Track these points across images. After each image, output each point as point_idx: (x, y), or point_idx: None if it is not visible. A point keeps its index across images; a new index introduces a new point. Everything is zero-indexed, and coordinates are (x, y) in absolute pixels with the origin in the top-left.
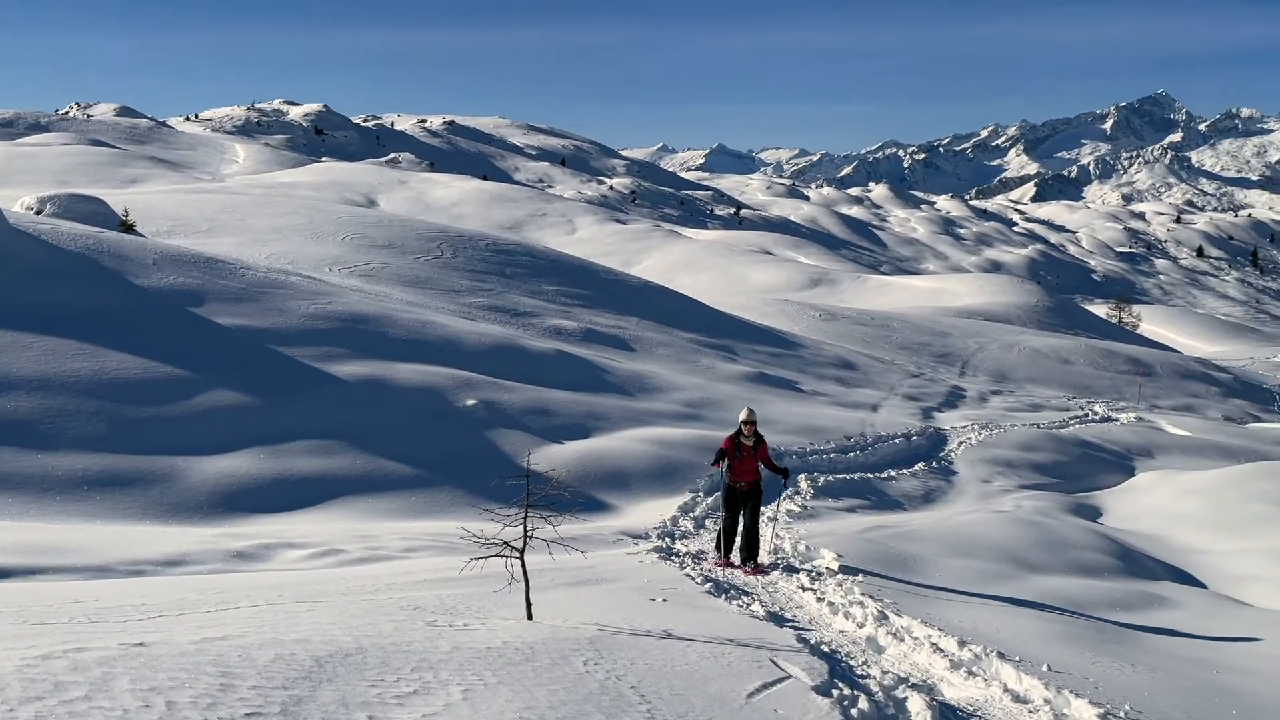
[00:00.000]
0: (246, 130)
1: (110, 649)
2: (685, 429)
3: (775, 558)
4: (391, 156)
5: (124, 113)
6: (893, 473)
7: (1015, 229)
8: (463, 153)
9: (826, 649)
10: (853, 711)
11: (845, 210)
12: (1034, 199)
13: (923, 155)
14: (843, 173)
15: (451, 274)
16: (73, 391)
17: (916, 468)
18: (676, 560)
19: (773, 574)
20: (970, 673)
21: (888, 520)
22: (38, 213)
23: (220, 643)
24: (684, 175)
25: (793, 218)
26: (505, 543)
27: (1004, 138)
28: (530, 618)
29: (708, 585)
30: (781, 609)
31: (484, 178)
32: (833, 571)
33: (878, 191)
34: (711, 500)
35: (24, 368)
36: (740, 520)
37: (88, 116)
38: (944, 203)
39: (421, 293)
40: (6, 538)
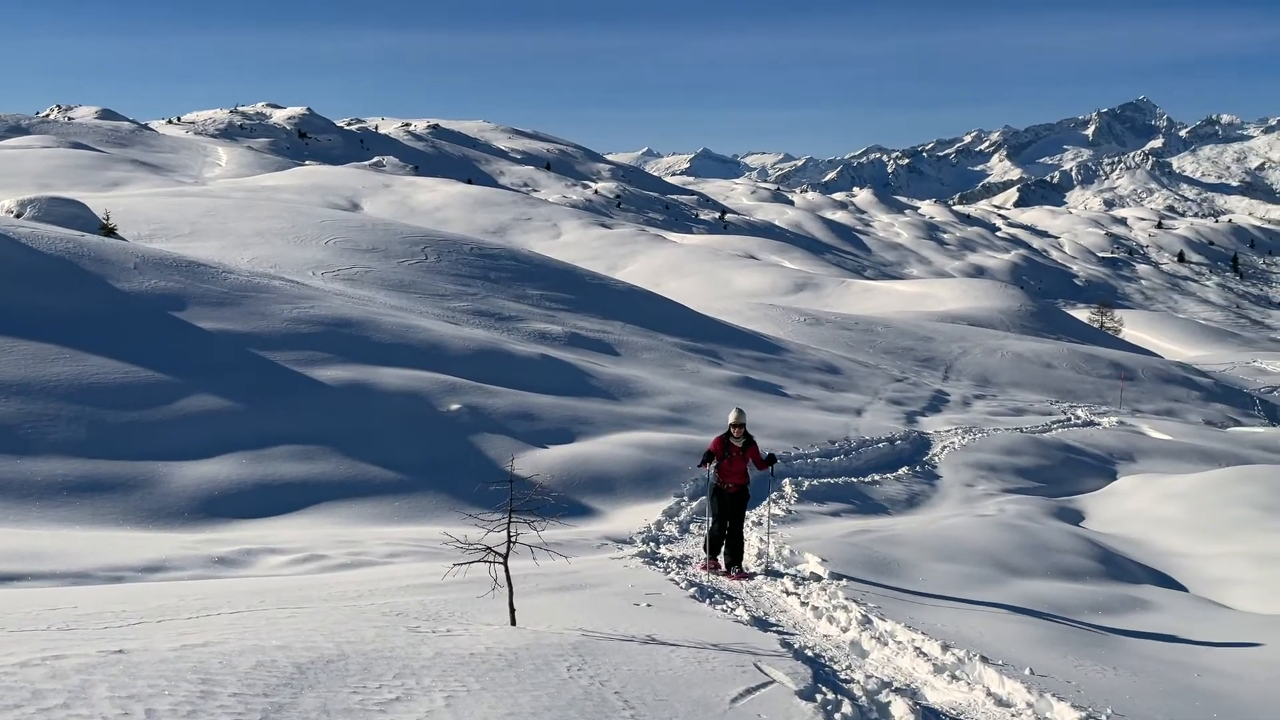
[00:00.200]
0: (229, 133)
1: (89, 656)
2: (670, 433)
3: (760, 562)
4: (375, 160)
5: (105, 115)
6: (877, 477)
7: (998, 234)
8: (447, 156)
9: (810, 654)
10: (836, 716)
11: (829, 215)
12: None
13: (906, 160)
14: (827, 177)
15: (435, 278)
16: (52, 396)
17: (900, 472)
18: (661, 565)
19: (757, 578)
20: (953, 677)
21: (872, 524)
22: (17, 216)
23: (201, 649)
24: (669, 180)
25: (777, 222)
26: (489, 548)
27: (987, 143)
28: (514, 623)
29: (692, 590)
30: (766, 614)
31: (468, 181)
32: (817, 576)
33: (862, 196)
34: (696, 505)
35: (3, 372)
36: (727, 524)
37: (69, 119)
38: (928, 208)
39: (405, 297)
40: None
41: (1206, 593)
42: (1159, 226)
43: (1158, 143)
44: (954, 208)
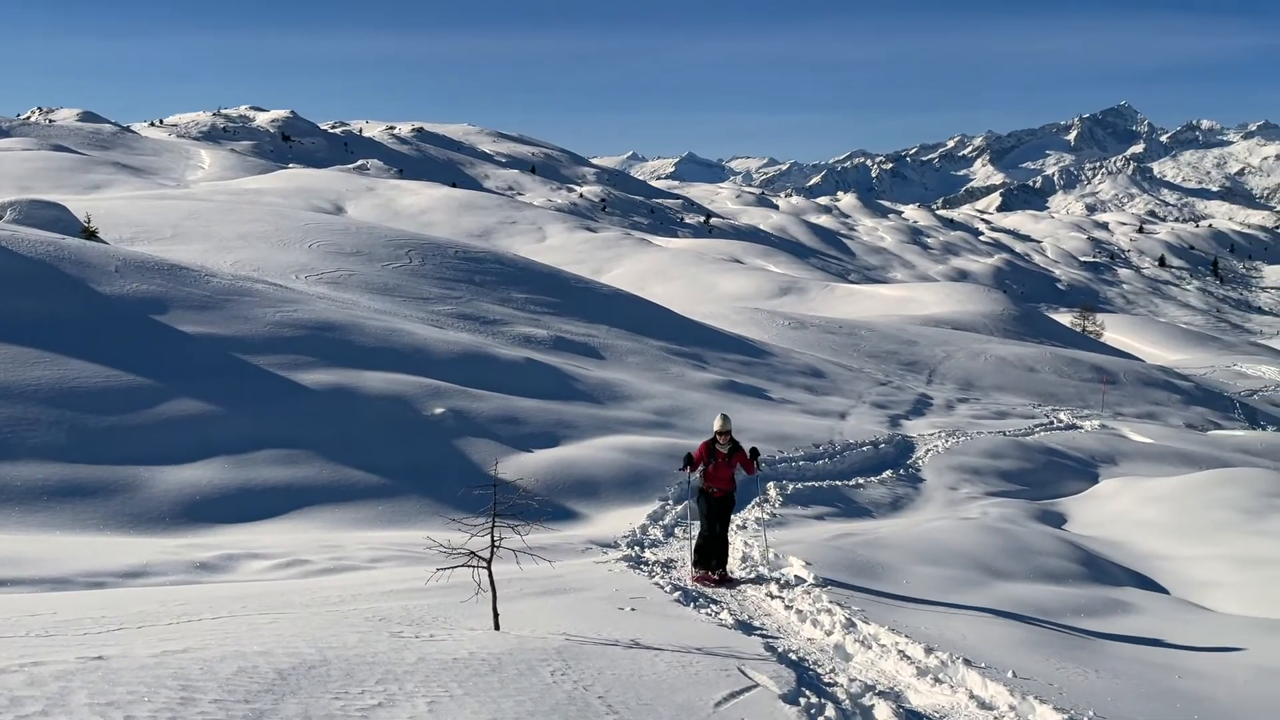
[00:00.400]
0: (212, 136)
1: (68, 663)
2: (655, 437)
3: (744, 566)
4: (360, 163)
5: (87, 118)
6: (861, 480)
7: (981, 238)
8: (432, 160)
9: (794, 657)
10: (819, 719)
11: (814, 219)
12: (1000, 209)
13: (890, 165)
14: (811, 182)
15: (420, 281)
16: (32, 400)
17: (884, 475)
18: (645, 569)
19: (737, 577)
20: (937, 679)
21: (856, 527)
22: None
23: (181, 655)
24: (654, 184)
25: (762, 226)
26: (472, 552)
27: (970, 148)
28: (497, 628)
29: (676, 594)
30: (750, 617)
31: (453, 185)
32: (801, 579)
33: (846, 201)
34: (680, 508)
35: None
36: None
37: (50, 121)
38: (911, 212)
39: (390, 300)
40: None
41: (1187, 595)
42: (1140, 231)
43: (1139, 148)
44: (937, 212)
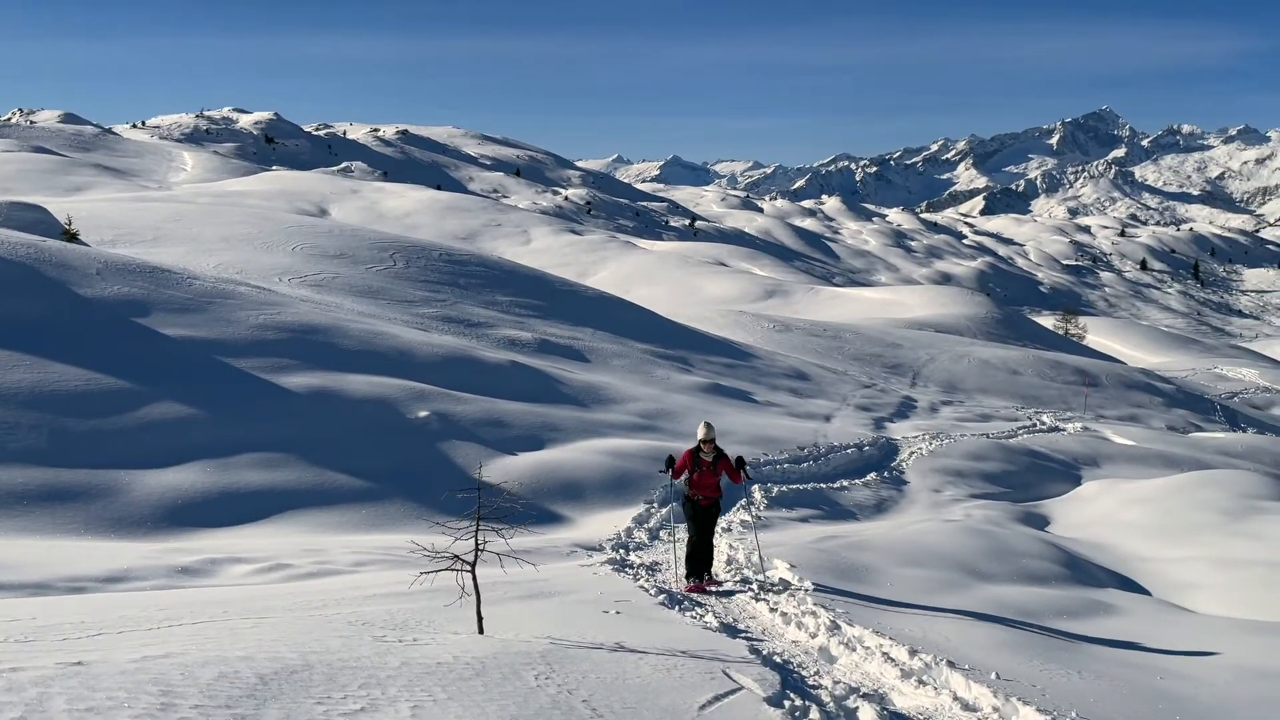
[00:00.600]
0: (195, 138)
1: (47, 668)
2: (640, 440)
3: (729, 569)
4: (344, 165)
5: (68, 119)
6: (845, 483)
7: (965, 242)
8: (416, 162)
9: (779, 660)
10: None
11: (798, 222)
12: (983, 212)
13: (874, 168)
14: (796, 185)
15: (404, 284)
16: (12, 404)
17: (868, 478)
18: (630, 572)
19: (726, 585)
20: (921, 681)
21: (840, 530)
22: None
23: (162, 661)
24: (639, 186)
25: (747, 229)
26: (456, 556)
27: (953, 152)
28: (481, 632)
29: (661, 597)
30: (735, 620)
31: (438, 187)
32: (786, 582)
33: (830, 204)
34: (666, 511)
35: None
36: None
37: (30, 123)
38: (895, 215)
39: (373, 303)
40: None
41: (1169, 596)
42: (1122, 234)
43: (1120, 152)
44: (921, 215)
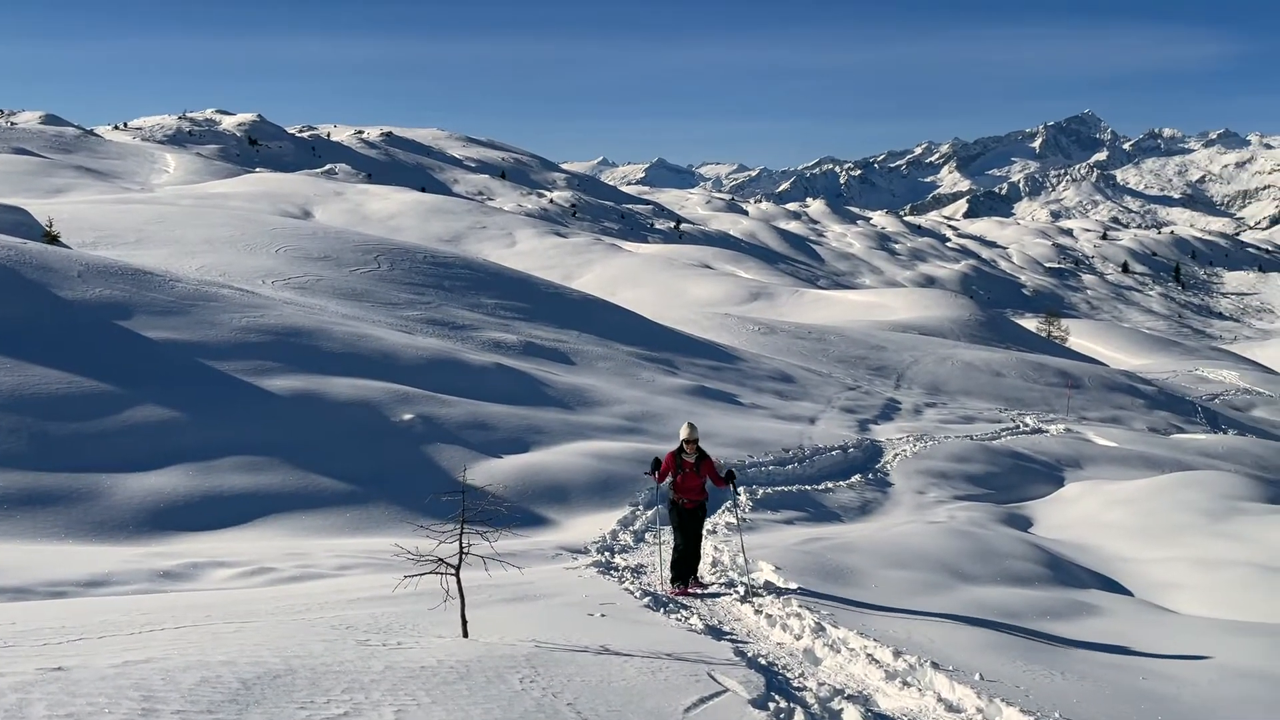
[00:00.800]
0: (178, 139)
1: (27, 674)
2: (625, 442)
3: (714, 571)
4: (328, 167)
5: (49, 120)
6: (830, 485)
7: (948, 244)
8: (400, 164)
9: (764, 662)
10: None
11: (783, 225)
12: (966, 215)
13: (859, 171)
14: (781, 188)
15: (388, 287)
16: None
17: (853, 479)
18: (615, 575)
19: (711, 587)
20: (905, 683)
21: (825, 532)
22: None
23: (143, 666)
24: (624, 189)
25: (732, 232)
26: (440, 559)
27: (937, 155)
28: (466, 635)
29: (646, 599)
30: (720, 622)
31: (422, 190)
32: (771, 584)
33: (815, 207)
34: (651, 514)
35: None
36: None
37: (11, 124)
38: (879, 218)
39: (358, 306)
40: None
41: (1151, 597)
42: (1104, 238)
43: (1102, 155)
44: (905, 218)
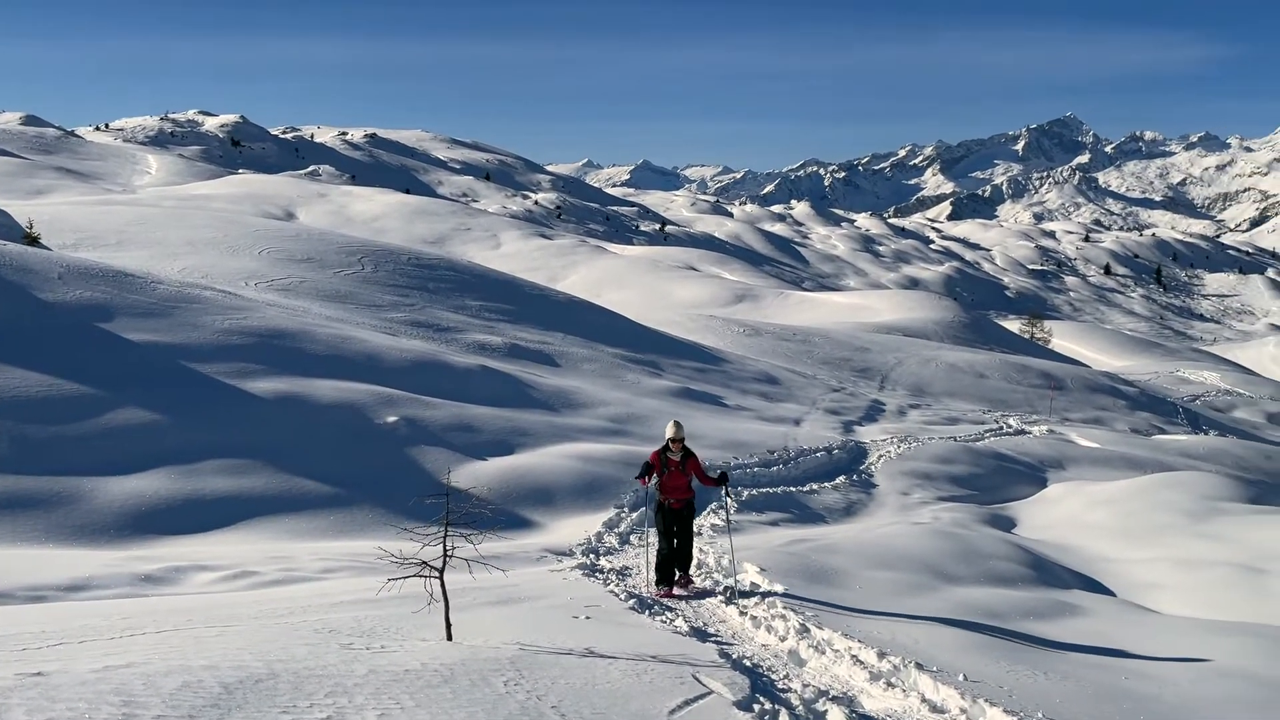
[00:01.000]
0: (160, 141)
1: (6, 679)
2: (610, 444)
3: (699, 572)
4: (311, 169)
5: (30, 121)
6: (814, 486)
7: (932, 246)
8: (384, 166)
9: (749, 663)
10: None
11: (768, 227)
12: (950, 217)
13: (843, 174)
14: (765, 190)
15: (372, 289)
16: None
17: (838, 481)
18: (601, 577)
19: (696, 585)
20: (889, 684)
21: (810, 533)
22: None
23: (124, 670)
24: (609, 191)
25: (717, 234)
26: (424, 562)
27: (921, 157)
28: (450, 638)
29: (631, 602)
30: (705, 624)
31: (406, 191)
32: (756, 585)
33: (799, 209)
34: (636, 515)
35: None
36: (674, 542)
37: None
38: (864, 220)
39: (341, 308)
40: None
41: (1133, 597)
42: (1086, 240)
43: (1084, 158)
44: (889, 220)
